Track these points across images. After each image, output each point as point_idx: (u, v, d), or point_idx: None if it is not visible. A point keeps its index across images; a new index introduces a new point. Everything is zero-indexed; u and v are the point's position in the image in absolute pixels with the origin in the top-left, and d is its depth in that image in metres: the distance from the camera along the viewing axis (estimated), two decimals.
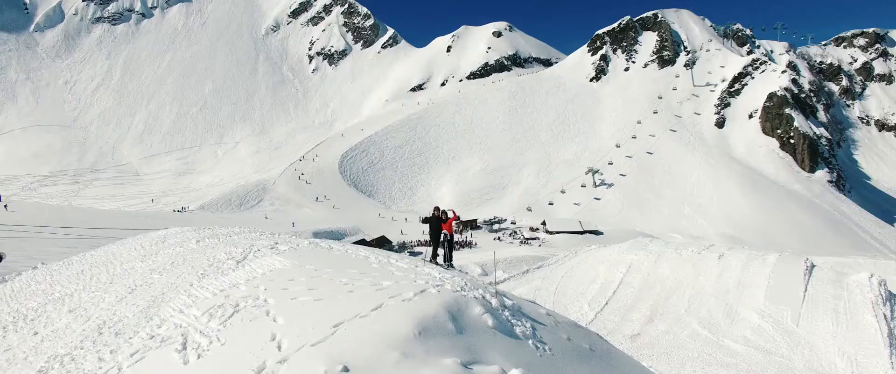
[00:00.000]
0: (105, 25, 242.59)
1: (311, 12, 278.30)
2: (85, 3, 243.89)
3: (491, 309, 7.05)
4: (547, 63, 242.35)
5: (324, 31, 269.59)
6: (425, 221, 10.43)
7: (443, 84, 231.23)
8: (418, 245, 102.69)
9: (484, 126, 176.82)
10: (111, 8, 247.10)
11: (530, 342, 6.98)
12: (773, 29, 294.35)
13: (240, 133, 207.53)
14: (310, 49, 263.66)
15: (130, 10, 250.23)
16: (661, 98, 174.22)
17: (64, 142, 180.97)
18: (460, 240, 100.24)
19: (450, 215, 10.23)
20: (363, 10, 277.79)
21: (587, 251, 42.80)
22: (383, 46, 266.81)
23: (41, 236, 35.32)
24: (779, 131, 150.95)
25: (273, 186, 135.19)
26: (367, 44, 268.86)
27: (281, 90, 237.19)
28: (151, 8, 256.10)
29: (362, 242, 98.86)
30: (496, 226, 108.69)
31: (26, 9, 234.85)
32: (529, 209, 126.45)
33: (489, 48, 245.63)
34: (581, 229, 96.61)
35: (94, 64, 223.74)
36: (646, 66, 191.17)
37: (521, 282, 38.60)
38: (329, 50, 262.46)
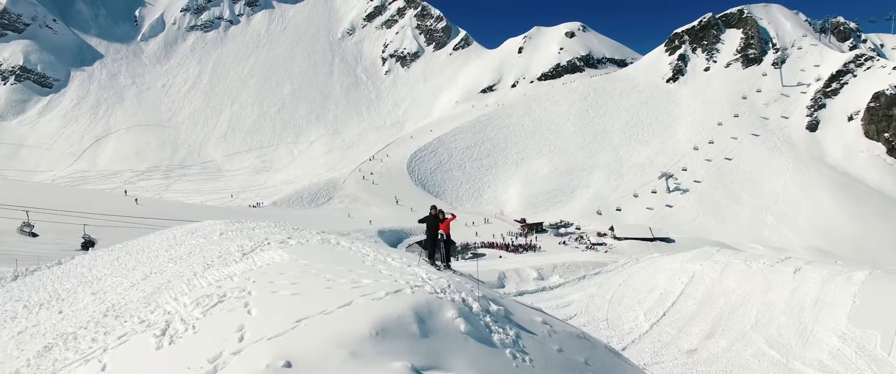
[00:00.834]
0: (198, 33, 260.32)
1: (386, 15, 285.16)
2: (182, 13, 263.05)
3: (467, 314, 6.73)
4: (621, 64, 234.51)
5: (397, 33, 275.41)
6: (422, 220, 10.12)
7: (513, 85, 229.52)
8: (482, 247, 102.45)
9: (554, 128, 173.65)
10: (204, 17, 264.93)
11: (508, 351, 6.58)
12: (885, 20, 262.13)
13: (315, 133, 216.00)
14: (383, 51, 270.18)
15: (220, 18, 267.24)
16: (744, 99, 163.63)
17: (159, 140, 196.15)
18: (525, 243, 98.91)
19: (447, 215, 9.95)
20: (436, 12, 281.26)
21: (648, 259, 40.82)
22: (455, 48, 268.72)
23: (152, 227, 38.09)
24: (886, 135, 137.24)
25: (343, 184, 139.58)
26: (439, 46, 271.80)
27: (354, 91, 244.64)
28: (238, 15, 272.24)
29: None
30: (562, 230, 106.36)
31: (136, 21, 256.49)
32: (599, 213, 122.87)
33: (561, 49, 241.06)
34: (651, 236, 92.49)
35: (187, 68, 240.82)
36: (728, 65, 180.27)
37: (577, 288, 37.41)
38: (402, 52, 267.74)
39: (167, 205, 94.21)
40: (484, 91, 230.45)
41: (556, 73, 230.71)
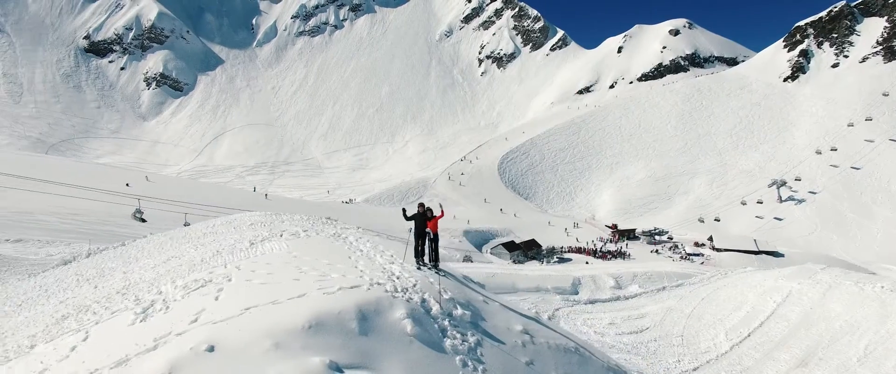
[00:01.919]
0: (306, 38, 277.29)
1: (483, 17, 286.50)
2: (292, 19, 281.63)
3: (419, 316, 6.41)
4: (731, 62, 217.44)
5: (494, 34, 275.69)
6: (410, 218, 9.72)
7: (611, 86, 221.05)
8: (569, 251, 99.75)
9: (652, 131, 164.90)
10: (311, 22, 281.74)
11: (459, 358, 6.18)
12: None
13: (410, 133, 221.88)
14: (480, 52, 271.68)
15: (326, 23, 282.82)
16: (886, 96, 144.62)
17: (267, 138, 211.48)
18: (614, 250, 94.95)
19: (436, 212, 9.57)
20: (533, 12, 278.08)
21: (740, 273, 37.55)
22: (552, 49, 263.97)
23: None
24: None
25: (433, 183, 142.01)
26: (536, 46, 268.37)
27: (450, 92, 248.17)
28: (343, 20, 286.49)
29: (511, 244, 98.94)
30: (656, 238, 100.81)
31: (253, 29, 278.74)
32: (701, 221, 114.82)
33: (664, 47, 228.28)
34: (756, 249, 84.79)
35: (294, 71, 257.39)
36: (864, 60, 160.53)
37: (654, 300, 35.23)
38: (498, 53, 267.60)
39: (291, 202, 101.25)
40: (580, 92, 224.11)
41: (658, 73, 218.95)
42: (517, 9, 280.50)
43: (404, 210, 10.12)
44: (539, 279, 39.52)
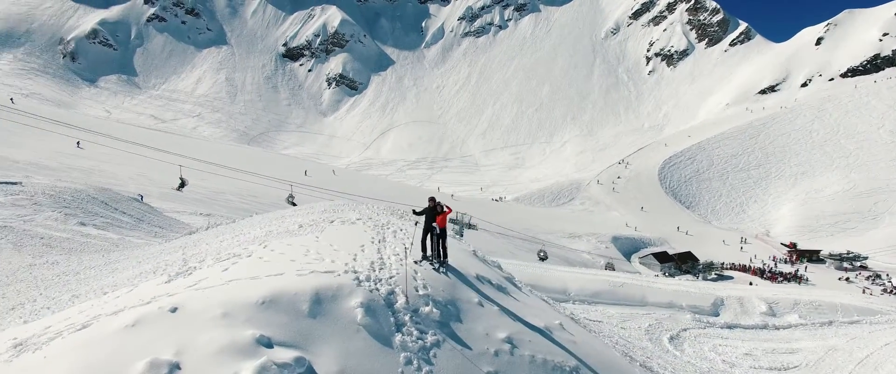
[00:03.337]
0: (471, 38, 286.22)
1: (654, 12, 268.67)
2: (459, 21, 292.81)
3: (376, 307, 6.67)
4: None
5: (665, 30, 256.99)
6: (420, 213, 9.69)
7: (804, 85, 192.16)
8: (730, 268, 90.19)
9: (856, 136, 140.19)
10: (477, 23, 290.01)
11: (404, 355, 6.34)
12: None
13: (569, 133, 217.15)
14: (648, 50, 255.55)
15: (491, 24, 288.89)
16: None
17: (429, 135, 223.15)
18: (789, 272, 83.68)
19: (445, 208, 9.43)
20: (711, 4, 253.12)
21: None
22: (732, 43, 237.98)
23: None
24: None
25: (587, 186, 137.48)
26: (713, 42, 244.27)
27: (613, 92, 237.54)
28: (507, 20, 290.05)
29: (663, 255, 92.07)
30: (847, 264, 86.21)
31: (422, 31, 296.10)
32: None
33: (885, 35, 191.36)
34: None
35: (458, 71, 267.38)
36: None
37: (814, 335, 30.81)
38: (668, 50, 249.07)
39: (439, 196, 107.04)
40: (762, 92, 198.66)
41: (873, 66, 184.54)
42: (693, 1, 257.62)
43: (414, 210, 10.37)
44: (674, 295, 36.49)
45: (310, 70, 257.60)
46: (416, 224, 9.84)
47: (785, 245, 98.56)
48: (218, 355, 5.37)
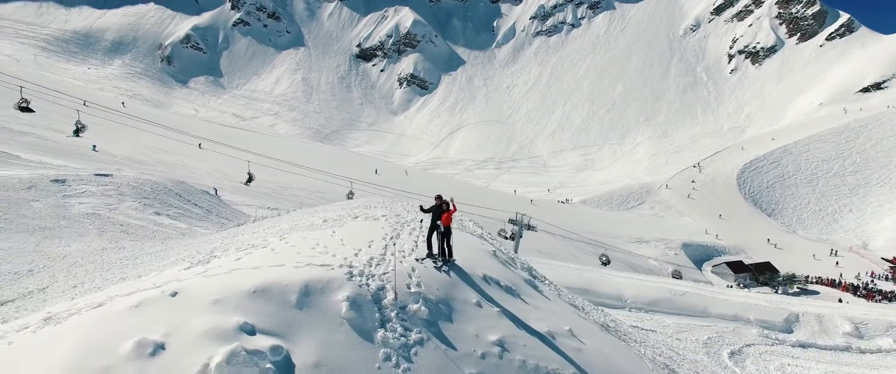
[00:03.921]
0: (542, 38, 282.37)
1: (738, 6, 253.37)
2: (530, 20, 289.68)
3: (362, 302, 6.90)
4: None
5: (750, 26, 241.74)
6: (427, 210, 9.69)
7: None
8: (816, 283, 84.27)
9: None
10: (549, 22, 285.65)
11: (384, 351, 6.55)
12: None
13: (641, 135, 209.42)
14: (730, 47, 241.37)
15: (563, 23, 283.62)
16: None
17: (497, 135, 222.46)
18: (890, 290, 77.30)
19: (451, 206, 9.37)
20: None
21: None
22: (829, 38, 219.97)
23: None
24: None
25: (658, 189, 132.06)
26: (806, 36, 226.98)
27: (691, 92, 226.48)
28: (580, 19, 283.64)
29: (738, 265, 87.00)
30: None
31: (493, 31, 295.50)
32: None
33: None
34: None
35: (529, 71, 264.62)
36: None
37: None
38: (754, 47, 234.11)
39: (503, 197, 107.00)
40: (865, 90, 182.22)
41: None
42: None
43: (422, 206, 10.48)
44: (740, 307, 34.65)
45: (382, 70, 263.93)
46: (421, 222, 10.01)
47: (887, 260, 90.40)
48: (201, 338, 5.83)
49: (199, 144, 70.30)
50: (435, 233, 9.67)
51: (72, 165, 38.19)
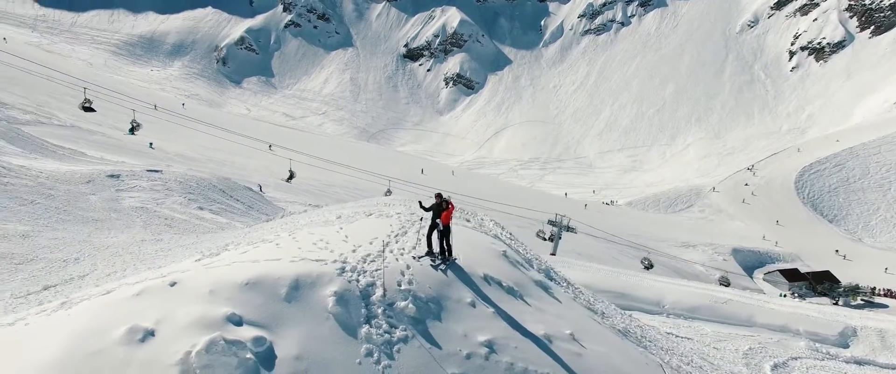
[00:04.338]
0: (591, 36, 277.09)
1: (801, 0, 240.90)
2: (579, 18, 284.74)
3: (349, 297, 7.06)
4: None
5: (815, 20, 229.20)
6: (429, 209, 9.66)
7: None
8: (884, 295, 79.61)
9: None
10: (598, 21, 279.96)
11: (366, 346, 6.70)
12: None
13: (692, 136, 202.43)
14: (792, 43, 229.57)
15: (613, 21, 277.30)
16: None
17: (543, 135, 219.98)
18: None
19: (449, 204, 9.31)
20: None
21: None
22: None
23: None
24: None
25: (708, 192, 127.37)
26: (881, 29, 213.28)
27: (747, 91, 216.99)
28: (630, 17, 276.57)
29: (793, 273, 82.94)
30: None
31: (541, 30, 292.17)
32: None
33: None
34: None
35: (576, 70, 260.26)
36: None
37: None
38: (819, 43, 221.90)
39: (548, 198, 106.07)
40: None
41: None
42: None
43: (420, 202, 10.52)
44: (789, 318, 32.96)
45: (428, 70, 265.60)
46: (421, 220, 10.09)
47: None
48: (188, 327, 6.16)
49: (270, 146, 73.79)
50: (435, 231, 9.75)
51: (129, 162, 40.47)
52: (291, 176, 49.82)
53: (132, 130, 47.04)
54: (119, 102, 64.02)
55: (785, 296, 67.94)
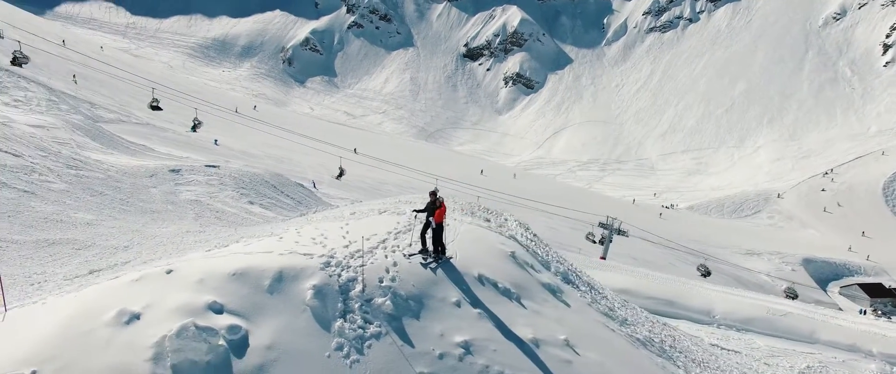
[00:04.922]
0: (656, 34, 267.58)
1: None
2: (643, 16, 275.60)
3: (327, 291, 7.30)
4: None
5: None
6: (423, 210, 9.67)
7: None
8: None
9: None
10: (663, 18, 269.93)
11: (337, 340, 6.92)
12: None
13: (764, 137, 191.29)
14: (887, 36, 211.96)
15: (679, 17, 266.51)
16: None
17: (603, 135, 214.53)
18: None
19: (442, 203, 9.27)
20: None
21: None
22: None
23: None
24: None
25: (777, 198, 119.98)
26: None
27: (829, 90, 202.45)
28: (699, 13, 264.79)
29: (876, 287, 77.29)
30: None
31: (603, 28, 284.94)
32: None
33: None
34: None
35: (639, 69, 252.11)
36: None
37: None
38: None
39: (601, 199, 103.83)
40: None
41: None
42: None
43: (415, 209, 10.58)
44: (861, 336, 30.50)
45: (488, 69, 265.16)
46: (415, 218, 10.21)
47: None
48: (171, 312, 6.63)
49: (355, 150, 77.25)
50: (429, 229, 9.86)
51: (193, 157, 43.02)
52: (341, 173, 51.24)
53: (194, 128, 49.91)
54: (186, 101, 68.00)
55: (864, 312, 62.93)
